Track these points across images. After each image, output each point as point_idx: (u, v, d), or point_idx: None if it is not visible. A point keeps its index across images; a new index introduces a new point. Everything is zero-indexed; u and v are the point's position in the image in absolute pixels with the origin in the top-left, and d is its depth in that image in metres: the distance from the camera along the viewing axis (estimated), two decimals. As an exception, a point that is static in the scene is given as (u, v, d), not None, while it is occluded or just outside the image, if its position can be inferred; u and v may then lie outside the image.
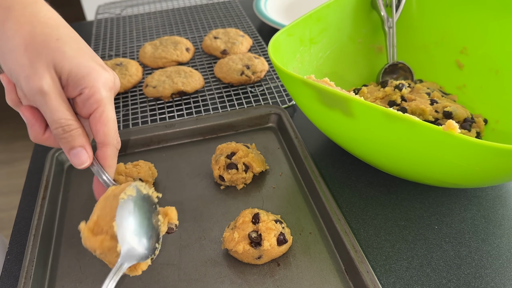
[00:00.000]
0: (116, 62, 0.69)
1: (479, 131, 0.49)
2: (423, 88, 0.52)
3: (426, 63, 0.59)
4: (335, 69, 0.57)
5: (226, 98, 0.64)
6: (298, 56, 0.51)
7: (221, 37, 0.75)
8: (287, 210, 0.45)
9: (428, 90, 0.51)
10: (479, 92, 0.54)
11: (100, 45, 0.81)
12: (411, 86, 0.53)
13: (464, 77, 0.56)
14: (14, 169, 1.73)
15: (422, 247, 0.41)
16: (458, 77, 0.56)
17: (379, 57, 0.61)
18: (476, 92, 0.54)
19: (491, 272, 0.39)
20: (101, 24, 0.89)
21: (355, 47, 0.59)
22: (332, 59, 0.57)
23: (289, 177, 0.49)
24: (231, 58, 0.68)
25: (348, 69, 0.58)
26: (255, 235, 0.39)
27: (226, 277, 0.39)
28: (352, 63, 0.59)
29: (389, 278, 0.39)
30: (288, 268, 0.39)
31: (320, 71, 0.55)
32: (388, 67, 0.58)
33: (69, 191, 0.49)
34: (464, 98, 0.55)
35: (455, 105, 0.49)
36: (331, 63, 0.56)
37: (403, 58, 0.59)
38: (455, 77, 0.56)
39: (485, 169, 0.33)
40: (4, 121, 1.99)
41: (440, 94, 0.52)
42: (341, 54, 0.57)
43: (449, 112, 0.47)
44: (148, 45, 0.74)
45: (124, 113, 0.62)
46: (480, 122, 0.50)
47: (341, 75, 0.57)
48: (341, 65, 0.58)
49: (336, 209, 0.42)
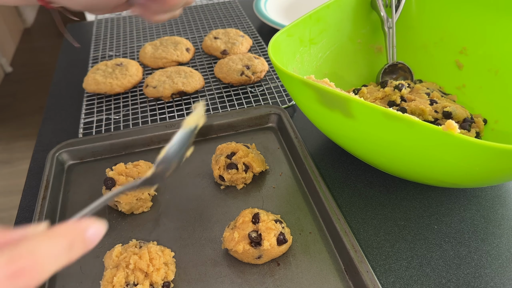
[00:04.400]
0: (117, 62, 0.69)
1: (479, 131, 0.49)
2: (423, 88, 0.52)
3: (426, 63, 0.59)
4: (335, 70, 0.57)
5: (226, 98, 0.64)
6: (298, 56, 0.51)
7: (221, 37, 0.75)
8: (287, 210, 0.45)
9: (428, 91, 0.52)
10: (478, 92, 0.54)
11: (100, 45, 0.81)
12: (410, 86, 0.53)
13: (464, 77, 0.56)
14: (14, 169, 1.73)
15: (421, 247, 0.41)
16: (458, 77, 0.56)
17: (378, 57, 0.61)
18: (476, 92, 0.54)
19: (491, 272, 0.39)
20: (102, 24, 0.89)
21: (355, 47, 0.59)
22: (332, 59, 0.57)
23: (289, 177, 0.49)
24: (231, 58, 0.68)
25: (347, 69, 0.58)
26: (255, 235, 0.39)
27: (226, 277, 0.39)
28: (352, 63, 0.59)
29: (388, 278, 0.39)
30: (288, 268, 0.40)
31: (320, 71, 0.55)
32: (387, 67, 0.58)
33: (69, 191, 0.49)
34: (464, 98, 0.55)
35: (454, 105, 0.49)
36: (331, 64, 0.57)
37: (402, 58, 0.59)
38: (454, 77, 0.56)
39: (484, 169, 0.34)
40: (4, 121, 1.99)
41: (440, 94, 0.52)
42: (340, 54, 0.58)
43: (449, 112, 0.47)
44: (148, 45, 0.74)
45: (124, 113, 0.62)
46: (479, 122, 0.50)
47: (340, 75, 0.58)
48: (341, 65, 0.58)
49: (336, 209, 0.42)
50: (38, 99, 2.12)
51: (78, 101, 0.66)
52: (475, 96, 0.54)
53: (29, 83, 2.29)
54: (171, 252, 0.40)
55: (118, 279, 0.35)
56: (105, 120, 0.61)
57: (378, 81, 0.58)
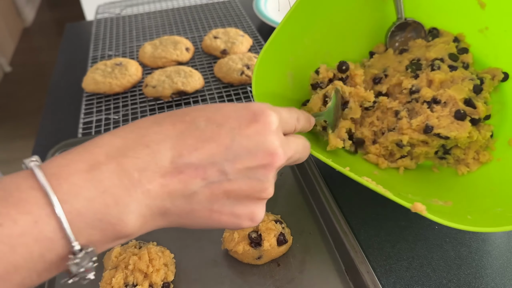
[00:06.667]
0: (116, 62, 0.69)
1: (479, 117, 0.44)
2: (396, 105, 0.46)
3: (444, 2, 0.51)
4: (336, 45, 0.51)
5: (226, 98, 0.64)
6: (291, 59, 0.47)
7: (221, 36, 0.75)
8: (287, 210, 0.45)
9: (398, 108, 0.46)
10: (503, 36, 0.46)
11: (99, 45, 0.81)
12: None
13: (487, 18, 0.47)
14: (14, 169, 1.72)
15: (422, 247, 0.41)
16: (480, 18, 0.48)
17: (385, 10, 0.53)
18: (500, 36, 0.47)
19: (492, 273, 0.39)
20: (101, 24, 0.89)
21: (357, 18, 0.52)
22: (330, 41, 0.50)
23: (289, 177, 0.49)
24: (231, 58, 0.68)
25: (351, 39, 0.52)
26: (255, 235, 0.39)
27: (226, 278, 0.39)
28: (355, 30, 0.52)
29: (389, 278, 0.39)
30: (288, 268, 0.39)
31: (322, 54, 0.50)
32: (396, 26, 0.52)
33: (69, 191, 0.49)
34: (487, 43, 0.48)
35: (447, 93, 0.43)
36: (330, 40, 0.50)
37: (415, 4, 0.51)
38: (476, 18, 0.48)
39: None
40: (3, 121, 1.99)
41: (447, 65, 0.46)
42: (339, 33, 0.51)
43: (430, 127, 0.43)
44: (148, 45, 0.74)
45: (123, 113, 0.62)
46: (479, 107, 0.44)
47: (345, 46, 0.52)
48: (342, 41, 0.51)
49: (336, 209, 0.42)
50: (37, 99, 2.11)
51: (77, 101, 0.66)
52: (499, 41, 0.47)
53: (28, 83, 2.28)
54: (171, 254, 0.39)
55: (117, 280, 0.35)
56: (104, 120, 0.61)
57: (386, 42, 0.53)
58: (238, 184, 0.26)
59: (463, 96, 0.44)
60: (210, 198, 0.26)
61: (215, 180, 0.26)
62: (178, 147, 0.25)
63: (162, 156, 0.24)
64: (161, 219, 0.26)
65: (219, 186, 0.26)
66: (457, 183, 0.45)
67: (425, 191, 0.43)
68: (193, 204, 0.26)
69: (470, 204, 0.40)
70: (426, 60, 0.49)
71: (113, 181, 0.23)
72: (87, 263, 0.23)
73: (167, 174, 0.24)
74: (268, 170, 0.27)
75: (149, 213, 0.25)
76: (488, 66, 0.48)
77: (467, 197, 0.41)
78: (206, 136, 0.26)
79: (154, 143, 0.25)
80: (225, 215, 0.27)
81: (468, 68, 0.48)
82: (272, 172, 0.27)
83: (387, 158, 0.47)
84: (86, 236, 0.23)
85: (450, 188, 0.44)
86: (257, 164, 0.26)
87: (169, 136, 0.25)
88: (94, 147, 0.24)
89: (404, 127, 0.44)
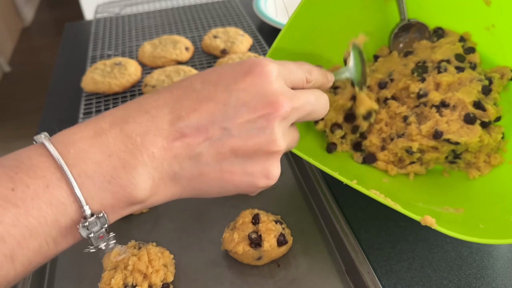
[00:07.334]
0: (115, 61, 0.69)
1: (489, 120, 0.43)
2: (402, 109, 0.46)
3: (447, 1, 0.49)
4: (339, 51, 0.48)
5: (226, 97, 0.63)
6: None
7: (221, 36, 0.75)
8: (287, 210, 0.45)
9: (407, 113, 0.45)
10: (511, 34, 0.45)
11: (99, 44, 0.80)
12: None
13: (493, 15, 0.46)
14: (13, 168, 1.72)
15: (423, 248, 0.41)
16: (486, 15, 0.46)
17: (388, 11, 0.52)
18: (507, 34, 0.45)
19: (492, 273, 0.39)
20: (100, 23, 0.89)
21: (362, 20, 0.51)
22: (333, 47, 0.49)
23: (289, 177, 0.49)
24: (230, 57, 0.67)
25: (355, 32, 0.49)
26: (255, 236, 0.39)
27: (226, 278, 0.39)
28: (357, 33, 0.48)
29: (390, 279, 0.39)
30: (289, 269, 0.39)
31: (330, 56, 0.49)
32: (400, 27, 0.51)
33: (68, 191, 0.49)
34: (493, 41, 0.47)
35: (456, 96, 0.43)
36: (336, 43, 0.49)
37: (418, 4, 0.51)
38: (482, 16, 0.47)
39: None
40: (2, 121, 1.98)
41: (453, 67, 0.45)
42: (341, 38, 0.48)
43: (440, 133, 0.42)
44: (147, 45, 0.74)
45: (123, 113, 0.61)
46: (489, 109, 0.43)
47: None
48: (345, 46, 0.47)
49: (337, 210, 0.42)
50: (37, 98, 2.11)
51: (77, 101, 0.66)
52: (506, 39, 0.46)
53: (27, 82, 2.28)
54: (170, 254, 0.39)
55: (116, 280, 0.35)
56: (103, 120, 0.60)
57: (390, 44, 0.52)
58: (243, 140, 0.26)
59: (472, 99, 0.43)
60: (217, 158, 0.26)
61: (218, 138, 0.26)
62: (176, 110, 0.25)
63: (161, 120, 0.25)
64: (173, 184, 0.26)
65: (223, 144, 0.26)
66: (468, 187, 0.44)
67: (436, 197, 0.42)
68: (202, 166, 0.26)
69: (482, 211, 0.39)
70: (432, 62, 0.48)
71: (118, 145, 0.24)
72: (98, 229, 0.24)
73: (169, 137, 0.25)
74: (270, 121, 0.26)
75: (158, 176, 0.25)
76: (496, 65, 0.47)
77: (479, 203, 0.40)
78: (203, 96, 0.26)
79: (153, 109, 0.26)
80: (237, 175, 0.27)
81: (476, 68, 0.47)
82: (275, 122, 0.26)
83: (396, 164, 0.46)
84: (98, 200, 0.23)
85: (461, 193, 0.43)
86: (258, 115, 0.26)
87: (166, 102, 0.26)
88: (98, 118, 0.26)
89: (413, 133, 0.43)
